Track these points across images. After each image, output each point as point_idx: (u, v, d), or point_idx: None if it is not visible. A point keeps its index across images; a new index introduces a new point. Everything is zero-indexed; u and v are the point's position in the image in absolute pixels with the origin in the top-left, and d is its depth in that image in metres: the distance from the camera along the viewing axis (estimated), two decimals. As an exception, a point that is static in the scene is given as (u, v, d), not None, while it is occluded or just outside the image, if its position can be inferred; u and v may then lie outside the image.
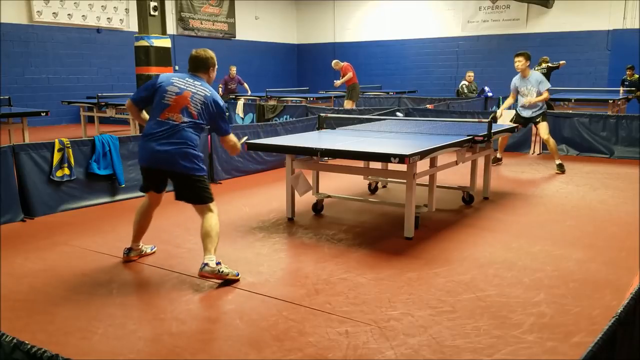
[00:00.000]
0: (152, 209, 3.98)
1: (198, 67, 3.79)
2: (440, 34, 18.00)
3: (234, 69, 14.15)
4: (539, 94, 7.34)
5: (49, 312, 3.19)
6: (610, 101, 10.91)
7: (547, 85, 7.45)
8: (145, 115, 3.95)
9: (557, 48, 15.92)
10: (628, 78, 13.33)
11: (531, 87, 7.40)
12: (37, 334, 2.90)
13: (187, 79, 3.72)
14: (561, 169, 7.40)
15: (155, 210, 3.99)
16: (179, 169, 3.61)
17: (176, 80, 3.68)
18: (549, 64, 12.35)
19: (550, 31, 16.09)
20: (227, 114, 3.88)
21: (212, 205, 3.71)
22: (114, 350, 2.75)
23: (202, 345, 2.81)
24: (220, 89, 13.71)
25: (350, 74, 12.34)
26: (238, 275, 3.61)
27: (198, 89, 3.67)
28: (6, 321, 3.04)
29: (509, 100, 7.74)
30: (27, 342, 1.34)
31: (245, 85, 14.45)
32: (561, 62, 12.09)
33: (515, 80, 7.57)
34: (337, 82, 12.74)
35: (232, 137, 3.86)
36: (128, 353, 2.72)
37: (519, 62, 7.34)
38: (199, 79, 3.75)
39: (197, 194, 3.67)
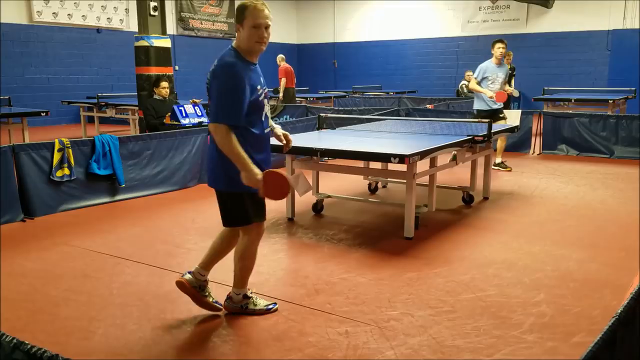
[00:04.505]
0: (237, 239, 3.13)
1: None
2: (440, 34, 18.00)
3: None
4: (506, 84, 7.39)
5: (49, 312, 3.19)
6: (610, 101, 10.90)
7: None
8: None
9: (557, 48, 15.93)
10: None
11: (502, 75, 7.37)
12: (37, 334, 2.90)
13: None
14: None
15: (156, 210, 3.95)
16: None
17: None
18: (512, 66, 11.23)
19: (550, 31, 16.09)
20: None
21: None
22: (114, 350, 2.75)
23: (202, 345, 2.81)
24: None
25: (284, 80, 12.73)
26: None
27: None
28: (6, 321, 3.04)
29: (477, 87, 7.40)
30: (27, 342, 1.34)
31: None
32: (512, 88, 9.74)
33: (490, 66, 7.33)
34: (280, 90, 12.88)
35: (217, 128, 2.76)
36: (128, 353, 2.72)
37: (503, 48, 7.26)
38: None
39: None
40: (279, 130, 3.27)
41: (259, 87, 2.86)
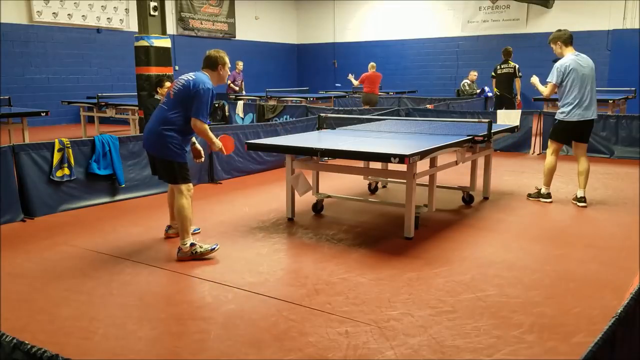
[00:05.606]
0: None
1: (204, 64, 4.23)
2: (440, 34, 17.99)
3: (240, 64, 13.89)
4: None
5: (49, 312, 3.19)
6: (610, 101, 10.91)
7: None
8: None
9: (557, 48, 15.90)
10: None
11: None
12: (37, 334, 2.91)
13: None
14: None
15: (156, 210, 4.00)
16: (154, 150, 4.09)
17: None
18: (516, 66, 10.93)
19: (550, 31, 15.78)
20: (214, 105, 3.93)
21: (184, 186, 4.07)
22: (114, 350, 2.75)
23: (202, 345, 2.81)
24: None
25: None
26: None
27: (186, 76, 4.08)
28: (6, 321, 3.04)
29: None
30: (27, 342, 1.34)
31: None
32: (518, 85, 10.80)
33: (573, 64, 5.57)
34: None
35: (201, 124, 3.97)
36: (128, 353, 2.72)
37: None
38: (197, 72, 4.14)
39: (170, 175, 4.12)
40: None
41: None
